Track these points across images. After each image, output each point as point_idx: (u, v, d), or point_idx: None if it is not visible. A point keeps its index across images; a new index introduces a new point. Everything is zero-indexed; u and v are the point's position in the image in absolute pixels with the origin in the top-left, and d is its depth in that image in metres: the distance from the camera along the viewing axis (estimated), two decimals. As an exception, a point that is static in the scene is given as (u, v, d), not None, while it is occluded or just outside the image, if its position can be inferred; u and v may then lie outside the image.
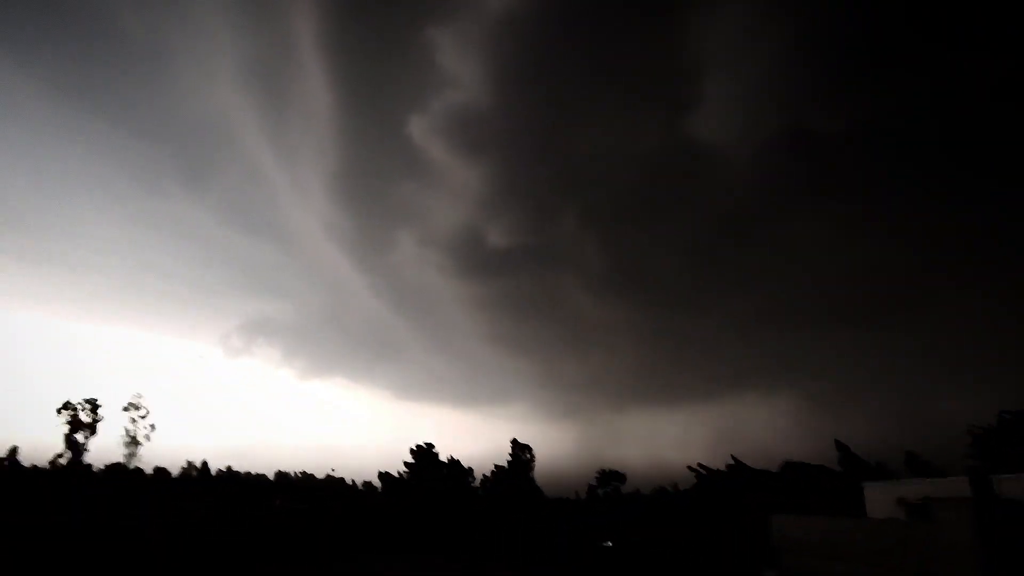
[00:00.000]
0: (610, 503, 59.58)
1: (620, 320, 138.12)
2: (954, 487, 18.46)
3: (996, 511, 14.65)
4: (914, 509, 20.93)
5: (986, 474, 16.29)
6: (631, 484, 64.28)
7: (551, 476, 68.29)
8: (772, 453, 73.10)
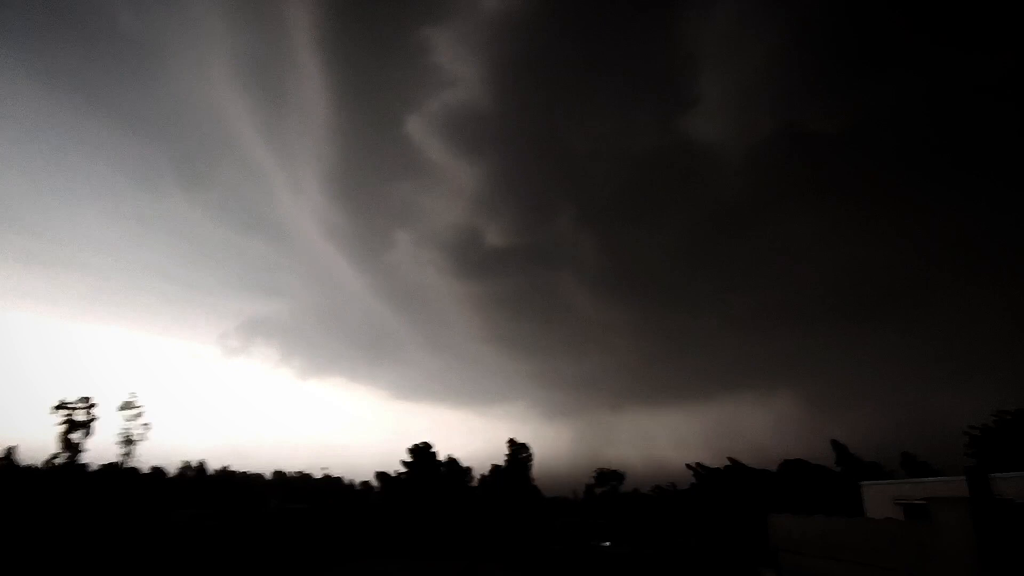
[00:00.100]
0: (608, 502, 59.56)
1: (617, 319, 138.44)
2: (952, 487, 18.39)
3: (994, 511, 14.59)
4: (912, 509, 20.93)
5: (984, 474, 16.22)
6: (629, 483, 64.39)
7: (549, 475, 68.26)
8: (769, 452, 73.36)
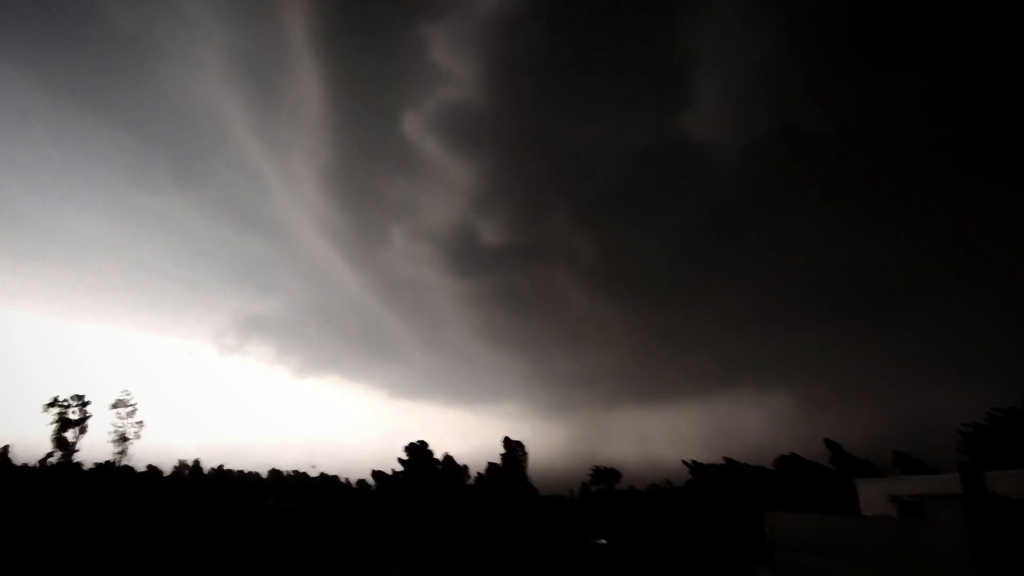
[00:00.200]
0: (604, 500, 59.72)
1: (612, 317, 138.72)
2: (946, 484, 18.48)
3: (988, 508, 14.68)
4: (906, 506, 21.04)
5: (978, 471, 16.31)
6: (625, 481, 64.59)
7: (545, 473, 68.33)
8: (764, 450, 73.62)
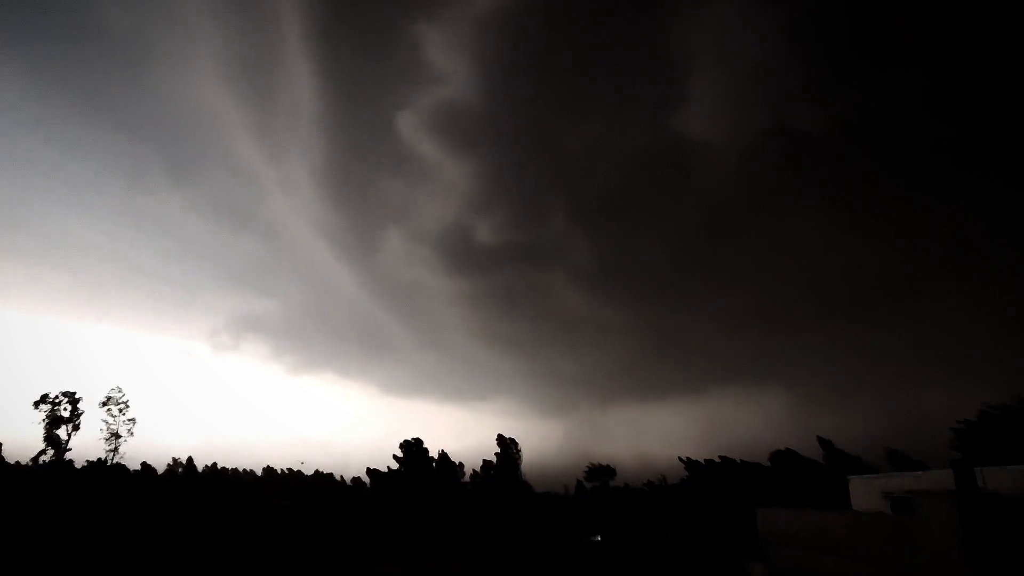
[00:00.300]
0: (599, 497, 59.86)
1: (608, 316, 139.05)
2: (938, 480, 18.62)
3: (980, 504, 14.77)
4: (898, 502, 21.17)
5: (970, 467, 16.42)
6: (619, 478, 64.81)
7: (540, 471, 68.62)
8: (757, 447, 74.11)
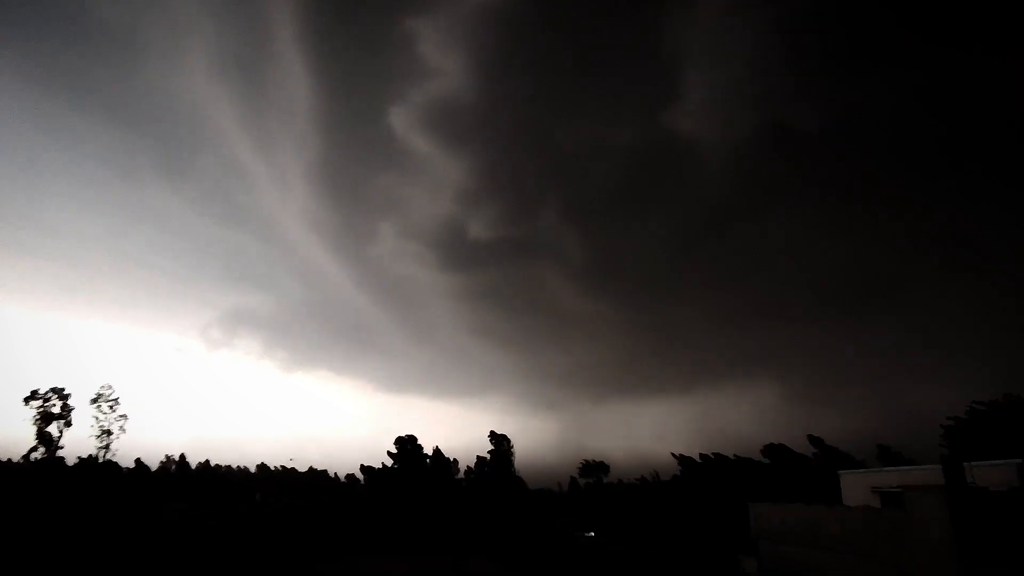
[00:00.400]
0: (593, 494, 60.05)
1: (601, 312, 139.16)
2: (928, 475, 18.79)
3: (969, 499, 14.91)
4: (889, 497, 21.37)
5: (959, 462, 16.56)
6: (613, 474, 65.01)
7: (533, 467, 68.64)
8: (749, 444, 74.45)
